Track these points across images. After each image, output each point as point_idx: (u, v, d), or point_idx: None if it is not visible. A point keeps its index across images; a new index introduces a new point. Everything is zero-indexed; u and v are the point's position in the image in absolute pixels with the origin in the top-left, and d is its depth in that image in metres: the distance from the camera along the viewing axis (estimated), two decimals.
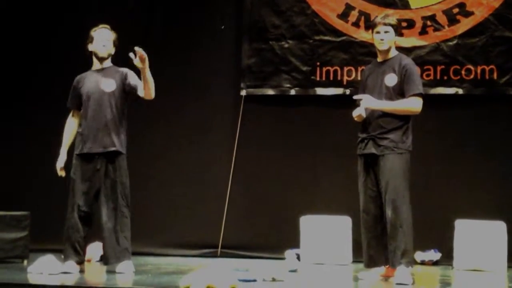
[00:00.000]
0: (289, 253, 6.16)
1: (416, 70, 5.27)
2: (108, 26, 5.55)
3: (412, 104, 5.15)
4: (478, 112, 6.72)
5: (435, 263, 6.46)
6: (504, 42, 6.66)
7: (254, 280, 4.88)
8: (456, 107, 6.75)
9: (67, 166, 5.47)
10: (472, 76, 6.71)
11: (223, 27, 7.13)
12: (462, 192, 6.59)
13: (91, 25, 5.56)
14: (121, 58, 5.42)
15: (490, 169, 6.63)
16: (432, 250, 6.51)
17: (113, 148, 5.33)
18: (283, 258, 6.13)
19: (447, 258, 6.37)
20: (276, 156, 6.89)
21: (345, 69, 6.84)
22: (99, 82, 5.42)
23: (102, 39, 5.46)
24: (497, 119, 6.69)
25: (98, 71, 5.49)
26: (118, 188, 5.32)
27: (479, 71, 6.70)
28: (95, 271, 5.69)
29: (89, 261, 6.18)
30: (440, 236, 6.46)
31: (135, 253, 5.62)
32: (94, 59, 5.52)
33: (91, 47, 5.49)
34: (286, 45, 6.95)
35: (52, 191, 6.96)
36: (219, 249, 6.85)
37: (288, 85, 6.96)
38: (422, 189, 6.68)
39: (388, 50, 5.25)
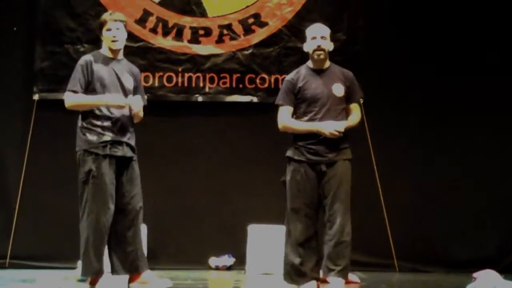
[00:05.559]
0: (79, 263, 5.97)
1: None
2: None
3: None
4: (271, 119, 6.89)
5: (229, 268, 6.55)
6: (296, 52, 6.88)
7: None
8: (252, 114, 6.91)
9: None
10: (266, 85, 6.91)
11: (15, 28, 6.83)
12: (255, 197, 6.72)
13: None
14: None
15: (279, 174, 6.83)
16: (226, 255, 6.61)
17: None
18: (75, 268, 5.94)
19: (240, 263, 6.49)
20: (68, 162, 6.66)
21: (143, 74, 6.75)
22: None
23: None
24: None
25: None
26: None
27: (272, 80, 6.91)
28: None
29: None
30: (234, 242, 6.58)
31: None
32: None
33: None
34: (82, 49, 6.73)
35: None
36: (7, 260, 6.52)
37: None
38: (218, 195, 6.78)
39: (119, 50, 5.20)
